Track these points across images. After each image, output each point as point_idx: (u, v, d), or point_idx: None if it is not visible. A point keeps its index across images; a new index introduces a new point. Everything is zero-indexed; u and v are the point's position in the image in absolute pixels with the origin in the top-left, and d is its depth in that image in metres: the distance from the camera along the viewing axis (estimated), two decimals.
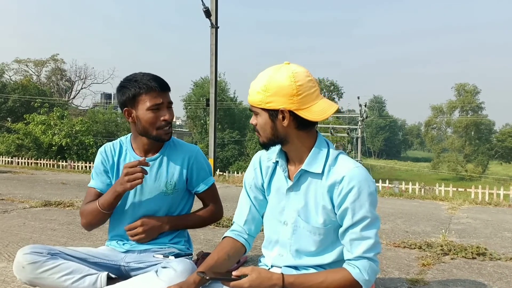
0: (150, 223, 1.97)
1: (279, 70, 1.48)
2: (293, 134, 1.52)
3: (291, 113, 1.47)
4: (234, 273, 1.42)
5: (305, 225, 1.57)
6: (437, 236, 3.86)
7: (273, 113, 1.48)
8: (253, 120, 1.56)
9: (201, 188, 2.08)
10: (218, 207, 2.15)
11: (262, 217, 1.74)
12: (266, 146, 1.58)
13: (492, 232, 4.19)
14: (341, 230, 1.51)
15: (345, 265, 1.48)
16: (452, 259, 3.06)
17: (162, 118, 1.91)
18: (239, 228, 1.72)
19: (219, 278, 1.47)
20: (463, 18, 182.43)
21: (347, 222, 1.48)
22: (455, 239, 3.71)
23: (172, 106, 1.98)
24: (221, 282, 1.49)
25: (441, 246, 3.30)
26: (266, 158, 1.69)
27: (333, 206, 1.51)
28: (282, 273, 1.45)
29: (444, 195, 9.71)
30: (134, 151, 2.04)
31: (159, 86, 1.90)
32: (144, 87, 1.88)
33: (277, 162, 1.64)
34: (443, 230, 4.04)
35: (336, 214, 1.52)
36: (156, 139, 1.96)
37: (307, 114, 1.46)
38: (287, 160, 1.62)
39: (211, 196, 2.13)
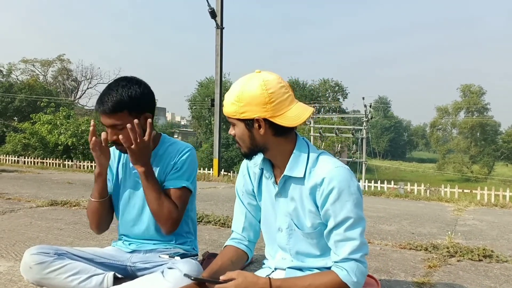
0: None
1: (251, 79, 1.48)
2: (271, 141, 1.52)
3: (266, 121, 1.47)
4: (221, 277, 1.43)
5: (298, 230, 1.57)
6: (443, 237, 3.84)
7: (249, 123, 1.48)
8: (231, 131, 1.56)
9: (166, 184, 1.92)
10: (178, 209, 1.88)
11: (260, 222, 1.74)
12: (248, 156, 1.58)
13: (499, 234, 4.17)
14: (325, 232, 1.51)
15: (332, 268, 1.47)
16: (458, 261, 3.04)
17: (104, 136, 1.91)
18: (238, 236, 1.73)
19: (205, 280, 1.48)
20: (463, 17, 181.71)
21: (330, 224, 1.48)
22: (461, 241, 3.70)
23: (119, 127, 1.82)
24: (207, 284, 1.49)
25: (447, 248, 3.29)
26: (253, 164, 1.69)
27: (317, 208, 1.51)
28: (269, 277, 1.44)
29: (449, 196, 9.68)
30: None
31: (100, 109, 1.81)
32: (96, 104, 1.86)
33: (262, 169, 1.64)
34: (449, 232, 4.02)
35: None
36: None
37: (282, 120, 1.46)
38: (273, 166, 1.62)
39: (174, 198, 1.90)
